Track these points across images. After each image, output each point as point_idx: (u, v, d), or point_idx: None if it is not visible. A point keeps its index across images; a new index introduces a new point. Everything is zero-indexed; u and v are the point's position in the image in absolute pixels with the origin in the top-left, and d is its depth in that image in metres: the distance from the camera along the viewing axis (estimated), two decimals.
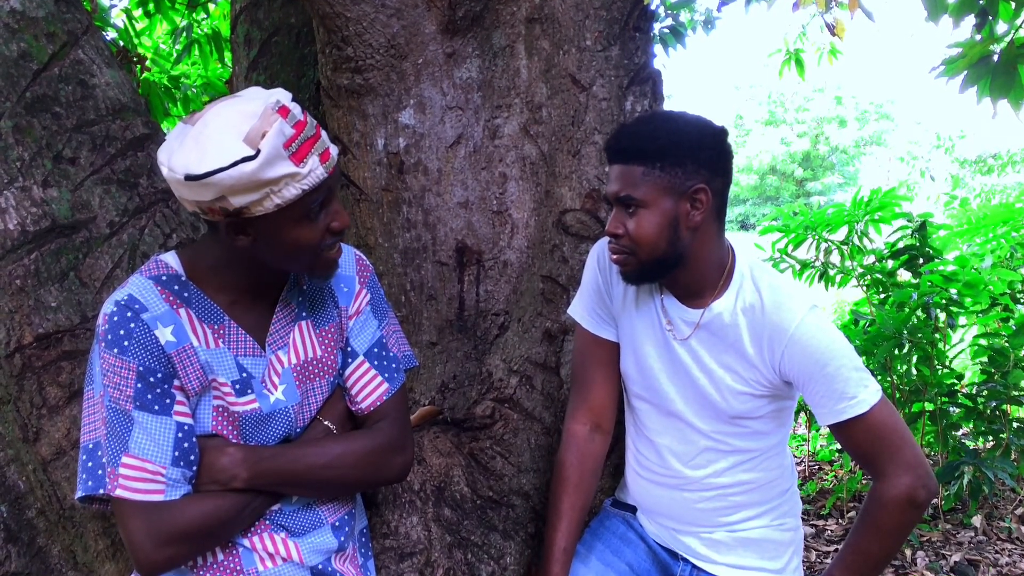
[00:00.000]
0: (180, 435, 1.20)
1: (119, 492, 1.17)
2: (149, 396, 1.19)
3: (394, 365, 1.42)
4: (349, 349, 1.39)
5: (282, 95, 1.16)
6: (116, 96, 1.63)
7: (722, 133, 1.44)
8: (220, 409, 1.27)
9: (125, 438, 1.18)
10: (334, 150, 1.21)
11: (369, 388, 1.39)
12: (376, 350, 1.40)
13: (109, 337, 1.19)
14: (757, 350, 1.44)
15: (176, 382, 1.22)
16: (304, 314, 1.35)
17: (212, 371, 1.25)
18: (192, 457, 1.22)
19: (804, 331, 1.39)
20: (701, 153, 1.39)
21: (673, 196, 1.38)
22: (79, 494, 1.22)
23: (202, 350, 1.24)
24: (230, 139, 1.09)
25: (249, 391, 1.28)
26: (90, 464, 1.21)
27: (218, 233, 1.22)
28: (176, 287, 1.25)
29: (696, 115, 1.45)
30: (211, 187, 1.10)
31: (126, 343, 1.18)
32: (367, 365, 1.39)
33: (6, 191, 1.48)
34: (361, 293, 1.41)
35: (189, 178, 1.09)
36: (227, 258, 1.25)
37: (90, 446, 1.22)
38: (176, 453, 1.19)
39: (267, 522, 1.30)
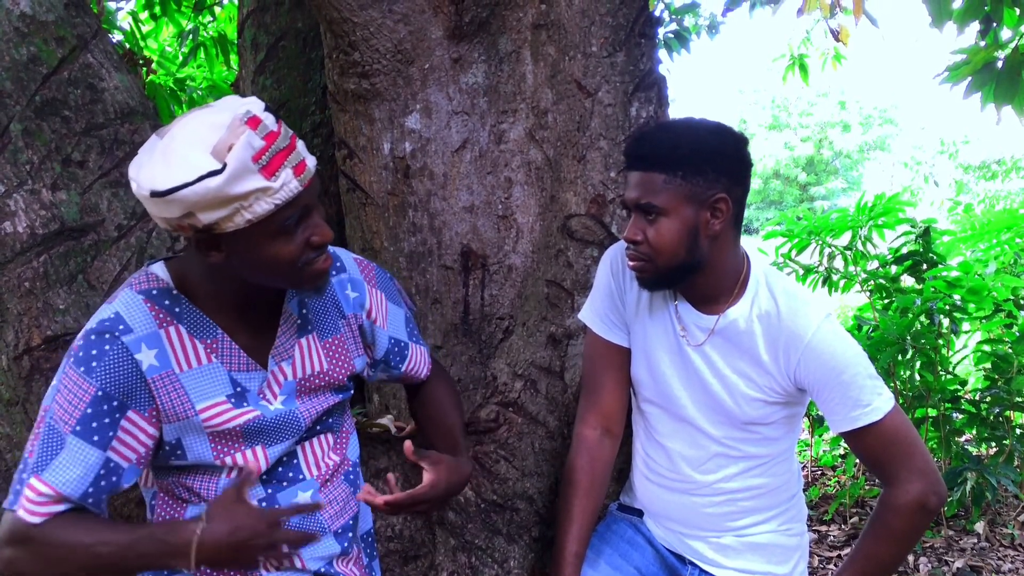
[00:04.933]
0: (103, 471, 1.13)
1: (21, 513, 1.09)
2: (94, 424, 1.12)
3: (417, 331, 1.54)
4: (393, 342, 1.45)
5: (254, 104, 1.10)
6: (125, 100, 1.64)
7: (742, 141, 1.43)
8: (215, 435, 1.22)
9: (48, 460, 1.11)
10: (311, 161, 1.14)
11: (421, 359, 1.52)
12: (410, 328, 1.50)
13: (80, 354, 1.13)
14: (772, 357, 1.44)
15: (141, 410, 1.16)
16: (308, 327, 1.32)
17: (200, 398, 1.20)
18: (104, 496, 1.14)
19: (820, 339, 1.39)
20: (722, 162, 1.38)
21: (694, 205, 1.37)
22: (6, 506, 1.14)
23: (187, 374, 1.19)
24: (196, 152, 1.05)
25: (245, 404, 1.24)
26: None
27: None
28: (167, 302, 1.19)
29: (716, 122, 1.44)
30: (177, 203, 1.05)
31: (94, 364, 1.12)
32: (414, 344, 1.50)
33: (15, 194, 1.49)
34: (373, 293, 1.41)
35: (154, 194, 1.05)
36: (212, 273, 1.19)
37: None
38: (90, 489, 1.12)
39: None
